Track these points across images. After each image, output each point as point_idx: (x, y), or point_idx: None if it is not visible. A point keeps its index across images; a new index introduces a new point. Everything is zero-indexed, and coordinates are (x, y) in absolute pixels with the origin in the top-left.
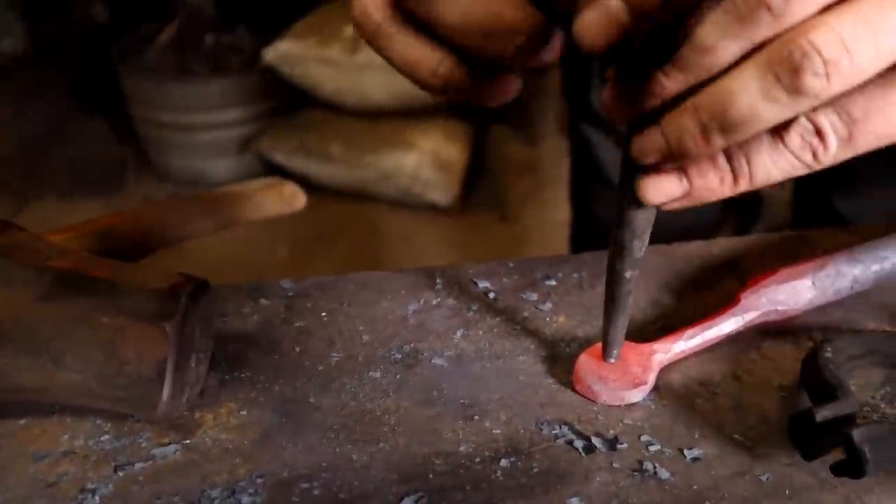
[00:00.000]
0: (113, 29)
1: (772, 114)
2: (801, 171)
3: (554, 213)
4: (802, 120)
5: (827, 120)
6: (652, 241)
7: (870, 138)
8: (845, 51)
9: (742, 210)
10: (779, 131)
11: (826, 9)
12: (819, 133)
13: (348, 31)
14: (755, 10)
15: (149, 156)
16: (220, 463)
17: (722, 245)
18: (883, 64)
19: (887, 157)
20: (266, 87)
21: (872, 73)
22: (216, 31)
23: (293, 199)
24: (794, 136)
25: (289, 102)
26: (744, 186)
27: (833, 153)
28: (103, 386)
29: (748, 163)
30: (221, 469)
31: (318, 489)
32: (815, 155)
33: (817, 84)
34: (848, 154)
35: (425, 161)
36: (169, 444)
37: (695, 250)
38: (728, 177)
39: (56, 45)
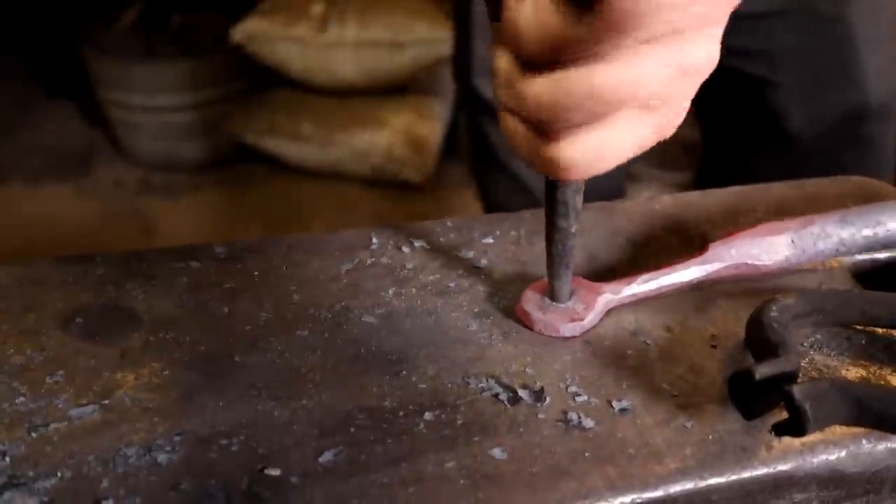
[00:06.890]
0: (79, 10)
1: None
2: None
3: None
4: None
5: None
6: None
7: None
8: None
9: None
10: None
11: None
12: None
13: (316, 9)
14: None
15: (118, 139)
16: (138, 422)
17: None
18: None
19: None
20: (235, 68)
21: None
22: (182, 11)
23: None
24: None
25: (259, 82)
26: None
27: None
28: None
29: None
30: (139, 428)
31: (237, 445)
32: None
33: None
34: None
35: (398, 139)
36: (87, 404)
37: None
38: None
39: (20, 27)
